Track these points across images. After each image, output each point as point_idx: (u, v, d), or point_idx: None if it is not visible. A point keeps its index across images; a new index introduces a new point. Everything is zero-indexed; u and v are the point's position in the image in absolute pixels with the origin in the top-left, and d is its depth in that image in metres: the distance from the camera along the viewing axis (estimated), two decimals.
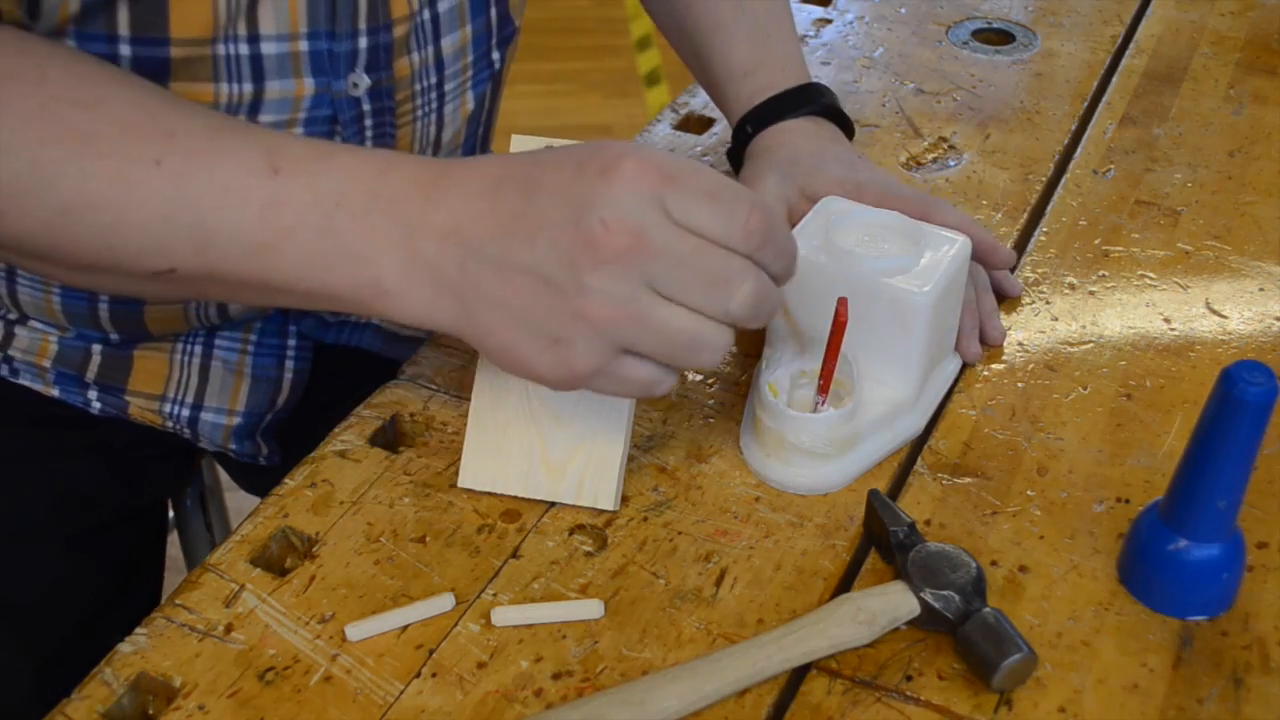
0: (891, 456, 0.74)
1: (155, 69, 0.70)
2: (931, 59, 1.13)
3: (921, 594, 0.62)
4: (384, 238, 0.59)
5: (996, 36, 1.17)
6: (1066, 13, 1.21)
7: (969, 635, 0.61)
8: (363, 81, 0.77)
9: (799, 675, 0.62)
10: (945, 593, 0.62)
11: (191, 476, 1.07)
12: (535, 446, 0.70)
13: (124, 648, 0.63)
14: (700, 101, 1.07)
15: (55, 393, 0.87)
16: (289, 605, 0.65)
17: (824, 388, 0.70)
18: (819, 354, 0.70)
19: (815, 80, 0.92)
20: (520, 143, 0.71)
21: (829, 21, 1.19)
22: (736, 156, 0.91)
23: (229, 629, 0.64)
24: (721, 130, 1.03)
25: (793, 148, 0.86)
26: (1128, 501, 0.70)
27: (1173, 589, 0.64)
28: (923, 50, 1.14)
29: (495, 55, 0.88)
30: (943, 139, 1.02)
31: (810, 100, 0.89)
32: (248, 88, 0.73)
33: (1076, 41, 1.16)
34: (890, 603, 0.62)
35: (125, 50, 0.69)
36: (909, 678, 0.61)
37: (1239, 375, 0.57)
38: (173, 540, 1.13)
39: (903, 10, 1.21)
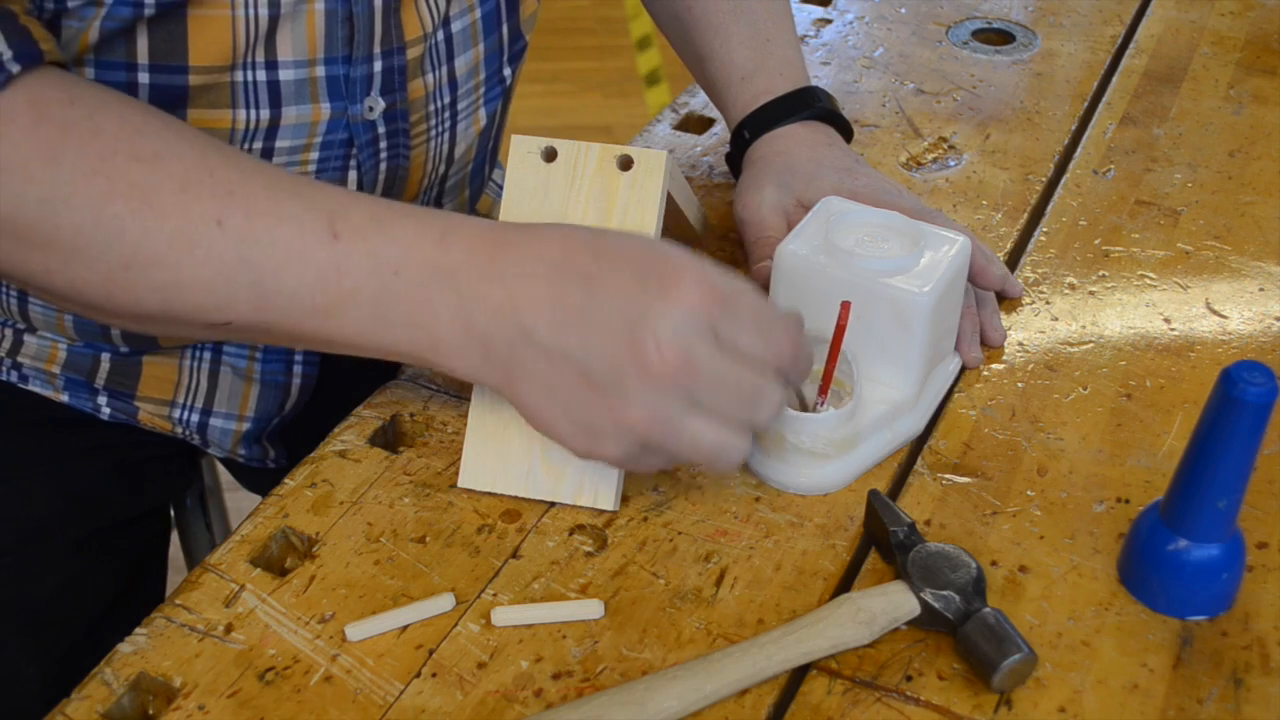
0: (892, 457, 0.74)
1: (173, 96, 0.70)
2: (931, 59, 1.13)
3: (921, 594, 0.62)
4: (441, 308, 0.61)
5: (996, 36, 1.17)
6: (1066, 13, 1.21)
7: (969, 635, 0.61)
8: (378, 105, 0.77)
9: (799, 675, 0.62)
10: (945, 593, 0.62)
11: (194, 478, 1.07)
12: (535, 447, 0.70)
13: (124, 648, 0.63)
14: (700, 101, 1.07)
15: (64, 398, 0.87)
16: (289, 605, 0.65)
17: (824, 389, 0.70)
18: (820, 354, 0.70)
19: (814, 83, 0.92)
20: (520, 143, 0.71)
21: (829, 21, 1.19)
22: (735, 160, 0.91)
23: (229, 629, 0.64)
24: (721, 130, 1.03)
25: (789, 155, 0.87)
26: (1128, 501, 0.70)
27: (1173, 589, 0.64)
28: (923, 50, 1.14)
29: (506, 71, 0.88)
30: (943, 139, 1.02)
31: (808, 105, 0.89)
32: (265, 114, 0.73)
33: (1076, 41, 1.16)
34: (890, 603, 0.62)
35: (144, 78, 0.69)
36: (909, 678, 0.61)
37: (1239, 375, 0.57)
38: (172, 540, 1.13)
39: (903, 10, 1.21)
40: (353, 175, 0.80)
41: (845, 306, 0.67)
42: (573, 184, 0.70)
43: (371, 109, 0.77)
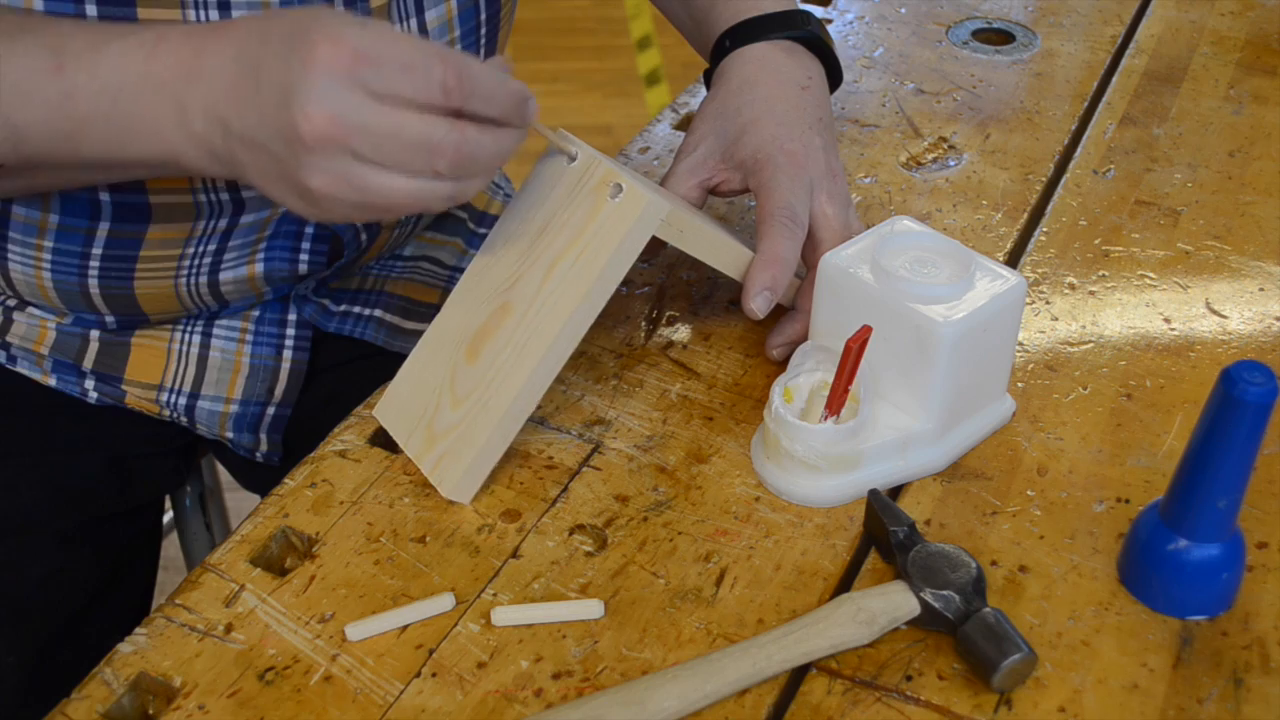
0: None
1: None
2: (931, 59, 1.13)
3: (921, 594, 0.62)
4: (164, 118, 0.65)
5: (996, 36, 1.17)
6: (1066, 13, 1.21)
7: (969, 635, 0.61)
8: None
9: (799, 675, 0.62)
10: (945, 593, 0.62)
11: (189, 475, 1.07)
12: (429, 412, 0.71)
13: (124, 648, 0.63)
14: (700, 102, 1.07)
15: (52, 381, 0.87)
16: (289, 605, 0.65)
17: (831, 405, 0.69)
18: (830, 367, 0.69)
19: (805, 8, 0.88)
20: (561, 139, 0.71)
21: (829, 21, 1.19)
22: (710, 76, 0.88)
23: (229, 629, 0.64)
24: None
25: (748, 88, 0.83)
26: (1128, 501, 0.70)
27: (1173, 589, 0.64)
28: (923, 50, 1.14)
29: (484, 30, 0.87)
30: (943, 139, 1.02)
31: (794, 25, 0.86)
32: (215, 15, 0.73)
33: (1076, 41, 1.16)
34: (890, 603, 0.62)
35: (91, 9, 0.70)
36: (909, 678, 0.61)
37: (1239, 375, 0.57)
38: (172, 540, 1.13)
39: (903, 10, 1.21)
40: None
41: (865, 330, 0.66)
42: (573, 191, 0.70)
43: None
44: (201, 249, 0.82)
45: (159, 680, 0.61)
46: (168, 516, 1.13)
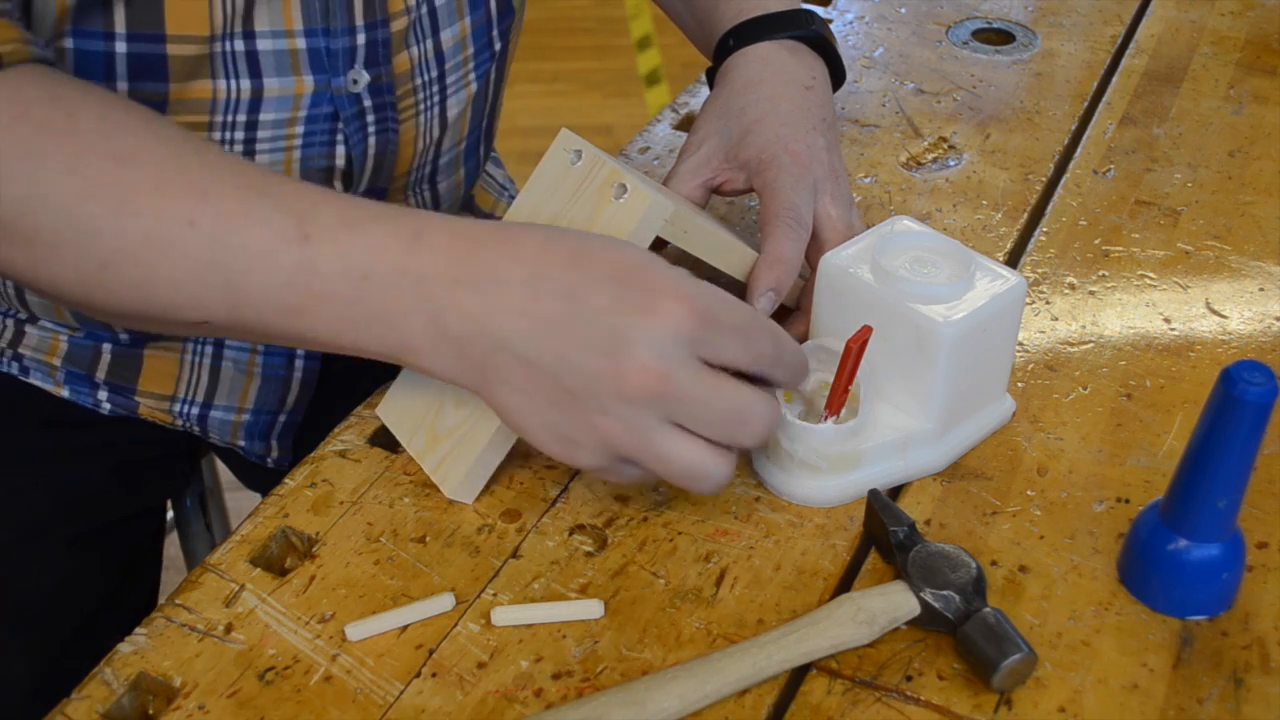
0: None
1: (153, 66, 0.70)
2: (931, 59, 1.13)
3: (921, 594, 0.62)
4: (413, 312, 0.61)
5: (996, 36, 1.17)
6: (1066, 13, 1.21)
7: (969, 635, 0.61)
8: (362, 78, 0.77)
9: (799, 675, 0.62)
10: (945, 593, 0.62)
11: (192, 478, 1.07)
12: (433, 412, 0.71)
13: (124, 648, 0.63)
14: (700, 102, 1.07)
15: (65, 393, 0.87)
16: (289, 605, 0.65)
17: (830, 405, 0.69)
18: (830, 365, 0.69)
19: (808, 7, 0.88)
20: (563, 138, 0.71)
21: (829, 21, 1.19)
22: (713, 75, 0.88)
23: (229, 629, 0.64)
24: None
25: (753, 87, 0.83)
26: (1128, 501, 0.70)
27: (1173, 589, 0.64)
28: (923, 50, 1.14)
29: (498, 45, 0.88)
30: (943, 139, 1.02)
31: (798, 24, 0.86)
32: (246, 84, 0.73)
33: (1076, 41, 1.16)
34: (890, 603, 0.62)
35: (121, 48, 0.69)
36: (909, 678, 0.61)
37: (1239, 375, 0.57)
38: (173, 540, 1.13)
39: (903, 10, 1.21)
40: (340, 150, 0.80)
41: (865, 330, 0.66)
42: (577, 192, 0.70)
43: (355, 82, 0.77)
44: None
45: (159, 680, 0.61)
46: (168, 516, 1.13)
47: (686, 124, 1.05)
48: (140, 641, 0.63)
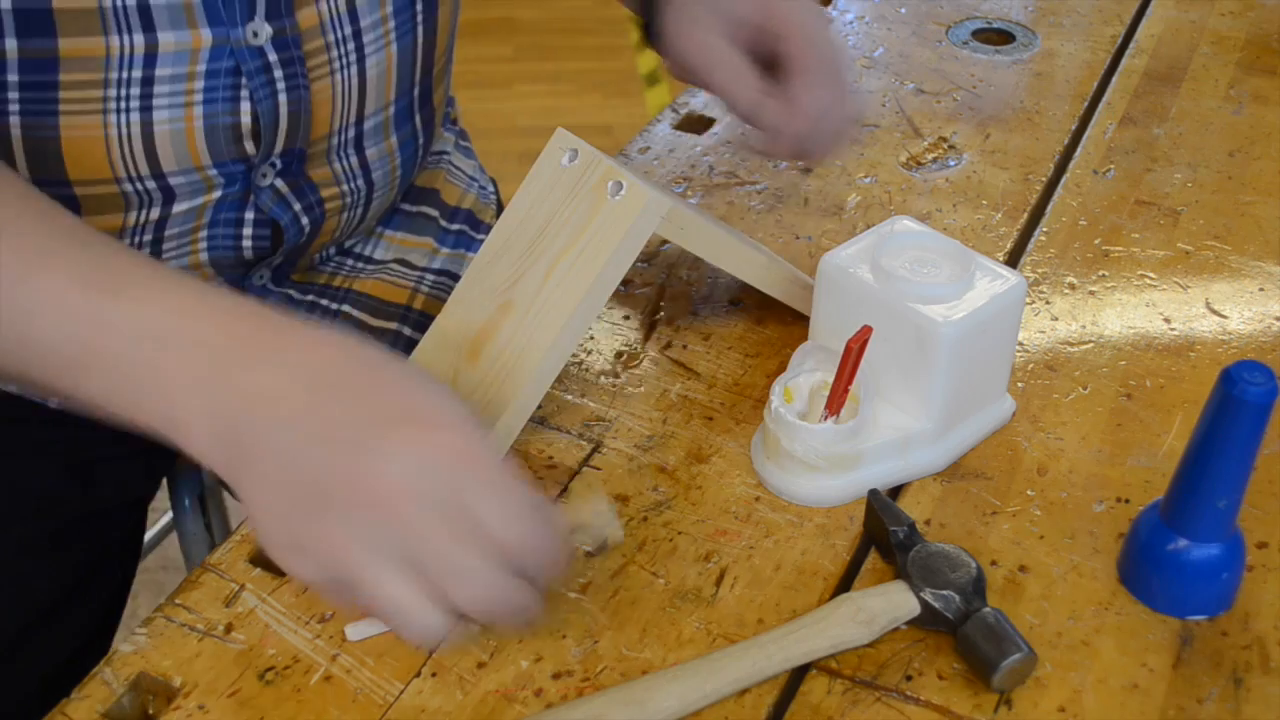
0: None
1: (40, 19, 0.69)
2: (931, 59, 1.13)
3: (921, 594, 0.62)
4: (188, 375, 0.59)
5: (996, 36, 1.17)
6: (1066, 13, 1.21)
7: (969, 635, 0.61)
8: (263, 30, 0.75)
9: (799, 675, 0.62)
10: (945, 593, 0.62)
11: (164, 476, 1.05)
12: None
13: (124, 647, 0.63)
14: (700, 102, 1.07)
15: (13, 387, 0.86)
16: (289, 605, 0.65)
17: (831, 405, 0.69)
18: (831, 369, 0.69)
19: None
20: (559, 137, 0.71)
21: (829, 21, 1.19)
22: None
23: (229, 629, 0.64)
24: (722, 130, 1.03)
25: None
26: (1128, 501, 0.70)
27: (1173, 589, 0.64)
28: (923, 50, 1.14)
29: (420, 6, 0.86)
30: (943, 139, 1.02)
31: None
32: (139, 39, 0.72)
33: (1076, 41, 1.16)
34: (890, 603, 0.62)
35: (6, 3, 0.68)
36: (909, 678, 0.61)
37: (1239, 375, 0.57)
38: (172, 540, 1.13)
39: (903, 10, 1.21)
40: (246, 106, 0.78)
41: (865, 330, 0.66)
42: (573, 191, 0.70)
43: (256, 35, 0.75)
44: (137, 240, 0.80)
45: (159, 680, 0.61)
46: (168, 517, 1.13)
47: (686, 124, 1.05)
48: (140, 641, 0.63)
